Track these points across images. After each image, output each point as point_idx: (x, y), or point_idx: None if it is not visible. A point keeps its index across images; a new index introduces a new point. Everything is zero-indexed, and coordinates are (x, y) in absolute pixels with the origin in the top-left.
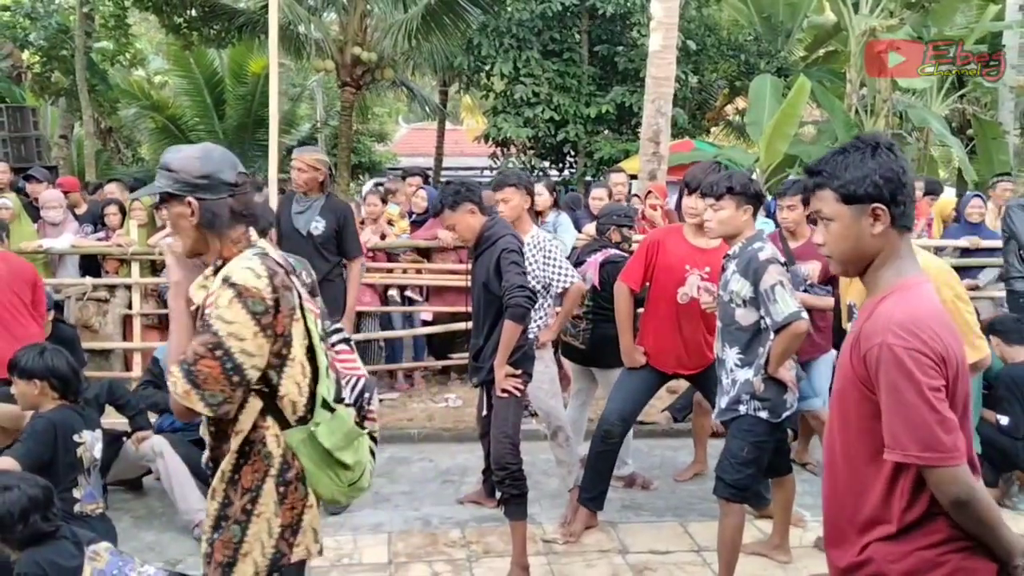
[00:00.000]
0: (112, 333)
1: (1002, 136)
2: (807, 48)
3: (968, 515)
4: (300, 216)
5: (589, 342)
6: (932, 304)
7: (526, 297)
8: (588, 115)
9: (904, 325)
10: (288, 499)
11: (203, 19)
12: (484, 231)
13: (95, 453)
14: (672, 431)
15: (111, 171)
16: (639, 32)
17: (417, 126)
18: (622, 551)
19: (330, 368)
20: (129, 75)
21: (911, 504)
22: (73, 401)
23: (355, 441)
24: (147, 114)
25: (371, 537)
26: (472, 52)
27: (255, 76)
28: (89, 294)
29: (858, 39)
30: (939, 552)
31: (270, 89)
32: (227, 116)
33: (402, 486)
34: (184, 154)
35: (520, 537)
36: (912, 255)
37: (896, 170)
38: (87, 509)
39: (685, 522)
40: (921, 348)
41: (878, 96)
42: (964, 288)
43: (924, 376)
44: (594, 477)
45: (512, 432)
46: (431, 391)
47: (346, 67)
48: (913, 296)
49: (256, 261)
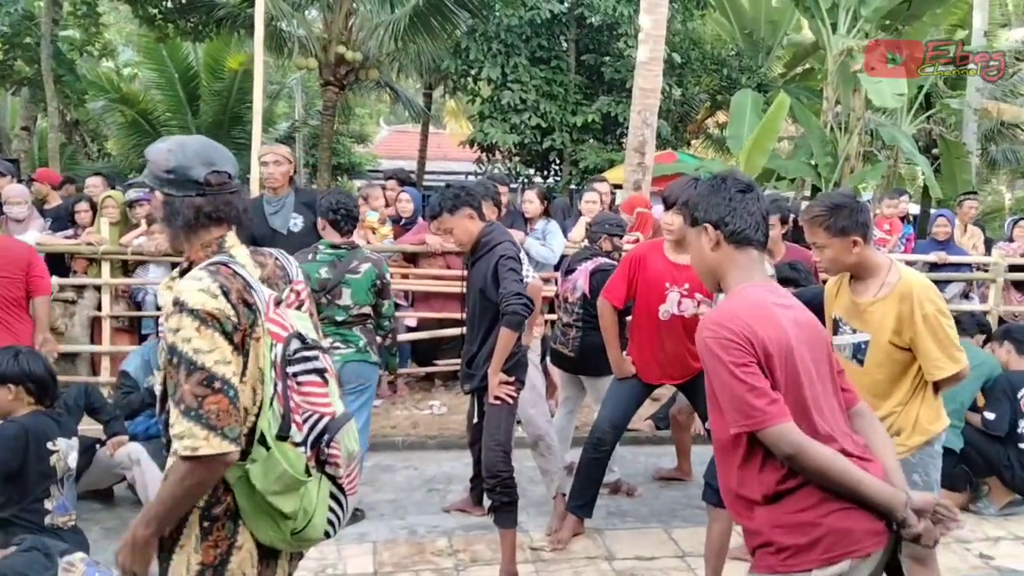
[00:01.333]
0: (79, 336)
1: (965, 156)
2: (786, 65)
3: (804, 467)
4: (275, 216)
5: (578, 350)
6: (751, 300)
7: (523, 305)
8: (574, 123)
9: (715, 320)
10: (211, 536)
11: (180, 11)
12: (482, 237)
13: (70, 462)
14: (656, 439)
15: (76, 166)
16: (626, 43)
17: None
18: (608, 557)
19: (277, 399)
20: (97, 66)
21: (776, 473)
22: (49, 407)
23: (297, 487)
24: (116, 107)
25: (355, 547)
26: (460, 55)
27: (232, 72)
28: (55, 294)
29: (835, 58)
30: (814, 515)
31: (254, 86)
32: (202, 112)
33: (387, 495)
34: (159, 146)
35: (509, 545)
36: (752, 270)
37: (726, 197)
38: (59, 521)
39: (669, 528)
40: (726, 335)
41: (852, 114)
42: (944, 303)
43: (729, 356)
44: (584, 484)
45: (504, 440)
46: (415, 398)
47: (329, 66)
48: (736, 296)
49: (206, 278)
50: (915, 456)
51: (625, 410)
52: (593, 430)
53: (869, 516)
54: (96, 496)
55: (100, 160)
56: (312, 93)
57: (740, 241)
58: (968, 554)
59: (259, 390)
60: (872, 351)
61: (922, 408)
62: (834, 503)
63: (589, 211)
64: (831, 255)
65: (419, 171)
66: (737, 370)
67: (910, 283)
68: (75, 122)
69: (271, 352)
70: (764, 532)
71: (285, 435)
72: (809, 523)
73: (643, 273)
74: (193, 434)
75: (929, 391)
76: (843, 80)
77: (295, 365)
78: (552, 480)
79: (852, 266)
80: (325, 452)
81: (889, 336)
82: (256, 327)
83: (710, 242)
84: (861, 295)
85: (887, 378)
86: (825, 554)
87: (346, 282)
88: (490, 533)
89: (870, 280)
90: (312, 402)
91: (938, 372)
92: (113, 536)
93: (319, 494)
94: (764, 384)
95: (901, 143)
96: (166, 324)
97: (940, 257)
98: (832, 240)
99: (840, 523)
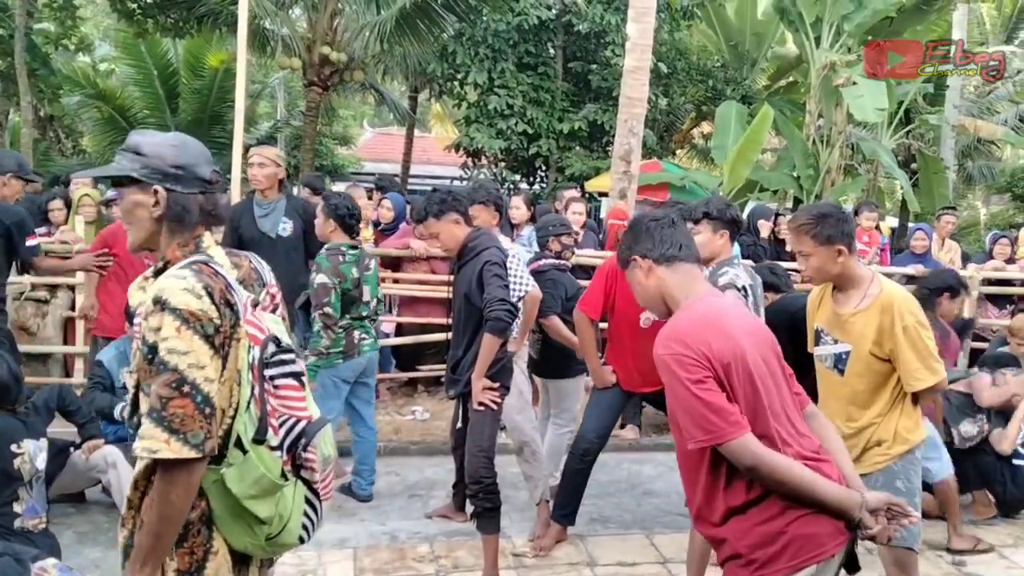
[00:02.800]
0: (51, 336)
1: (943, 171)
2: (770, 77)
3: (764, 477)
4: (265, 219)
5: (539, 353)
6: (698, 314)
7: (507, 311)
8: (561, 130)
9: (669, 336)
10: (187, 543)
11: (159, 6)
12: (468, 242)
13: (37, 464)
14: (638, 446)
15: (49, 162)
16: (613, 51)
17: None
18: (590, 564)
19: (254, 403)
20: (73, 60)
21: (738, 486)
22: (12, 409)
23: (273, 492)
24: (92, 103)
25: (336, 552)
26: (446, 59)
27: (213, 70)
28: (27, 294)
29: (818, 72)
30: (779, 524)
31: (237, 84)
32: (180, 110)
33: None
34: (158, 139)
35: (492, 551)
36: (692, 282)
37: (638, 231)
38: (29, 524)
39: (651, 535)
40: (681, 351)
41: (834, 128)
42: (924, 315)
43: (686, 372)
44: (569, 494)
45: (487, 446)
46: (397, 403)
47: (313, 66)
48: (685, 312)
49: (191, 277)
50: (897, 464)
51: (609, 419)
52: (578, 440)
53: (829, 519)
54: (69, 500)
55: (75, 157)
56: (295, 93)
57: (669, 259)
58: (941, 560)
59: (235, 392)
60: (853, 361)
61: (901, 418)
62: (797, 510)
63: (575, 222)
64: (816, 264)
65: (403, 175)
66: (693, 387)
67: (891, 295)
68: (49, 117)
69: (248, 354)
70: (732, 544)
71: (262, 439)
72: (775, 532)
73: (622, 284)
74: (153, 436)
75: (908, 401)
76: (826, 94)
77: (272, 368)
78: (536, 486)
79: (836, 276)
80: (301, 456)
81: (870, 347)
82: (237, 328)
83: (643, 272)
84: (843, 306)
85: (867, 388)
86: (792, 560)
87: (366, 280)
88: (472, 539)
89: (852, 291)
90: (289, 406)
91: (917, 383)
92: (86, 540)
93: (295, 499)
94: (721, 399)
95: (881, 157)
96: (145, 323)
97: (919, 270)
98: (818, 248)
99: (804, 529)
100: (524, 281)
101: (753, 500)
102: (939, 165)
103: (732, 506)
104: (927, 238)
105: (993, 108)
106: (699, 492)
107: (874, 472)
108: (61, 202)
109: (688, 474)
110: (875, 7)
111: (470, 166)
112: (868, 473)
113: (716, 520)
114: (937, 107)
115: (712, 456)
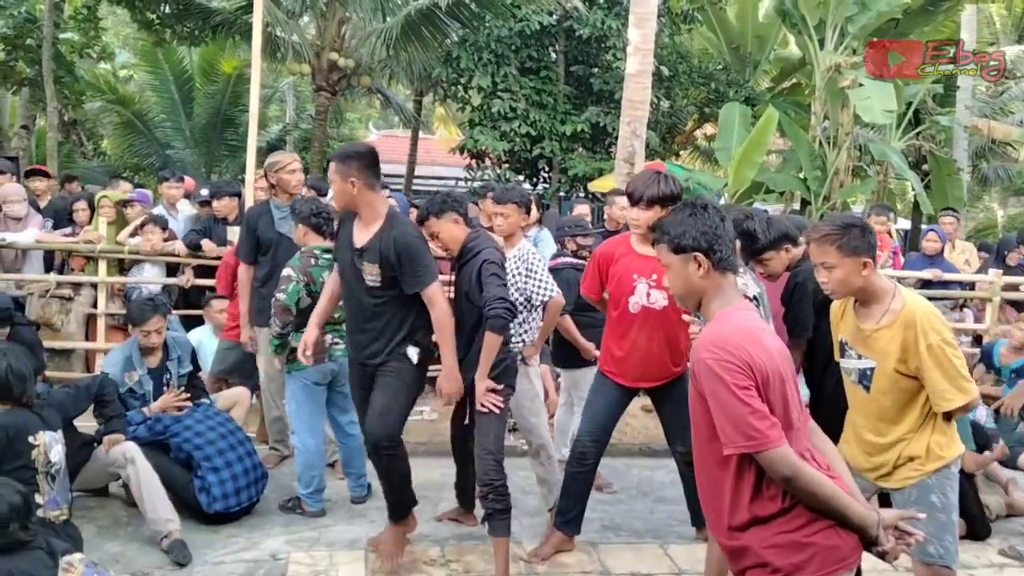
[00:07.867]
0: (75, 332)
1: (956, 173)
2: (773, 79)
3: (799, 489)
4: (284, 221)
5: (554, 343)
6: (741, 325)
7: (506, 308)
8: (563, 132)
9: (713, 342)
10: None
11: (177, 16)
12: (467, 242)
13: (52, 456)
14: (649, 451)
15: (72, 164)
16: (614, 56)
17: (388, 133)
18: (603, 572)
19: None
20: (95, 68)
21: (766, 495)
22: (25, 404)
23: None
24: (112, 108)
25: (347, 553)
26: (451, 64)
27: (226, 75)
28: (53, 291)
29: (823, 74)
30: (803, 534)
31: (251, 89)
32: (195, 114)
33: (378, 501)
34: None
35: (503, 554)
36: (733, 292)
37: (711, 225)
38: (50, 516)
39: (665, 544)
40: (727, 357)
41: (841, 129)
42: (951, 332)
43: (731, 378)
44: (570, 500)
45: (495, 448)
46: None
47: (322, 72)
48: (726, 320)
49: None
50: (932, 479)
51: (604, 421)
52: (575, 444)
53: (849, 533)
54: (91, 494)
55: (95, 159)
56: (304, 97)
57: (726, 268)
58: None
59: None
60: (878, 378)
61: (934, 435)
62: (821, 522)
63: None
64: (840, 276)
65: (408, 176)
66: (740, 392)
67: (913, 311)
68: (73, 121)
69: None
70: (756, 552)
71: None
72: (802, 542)
73: (611, 266)
74: None
75: (940, 418)
76: (831, 96)
77: None
78: (550, 491)
79: (859, 290)
80: None
81: (894, 364)
82: None
83: (700, 270)
84: (865, 320)
85: (894, 405)
86: (819, 571)
87: None
88: (483, 543)
89: (874, 306)
90: None
91: (946, 404)
92: (106, 534)
93: None
94: (764, 407)
95: (891, 159)
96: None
97: (935, 275)
98: (844, 260)
99: (829, 540)
100: (548, 285)
101: (781, 511)
102: (952, 167)
103: (758, 516)
104: (939, 240)
105: (1007, 109)
106: (720, 500)
107: (906, 487)
108: (85, 203)
109: (708, 481)
110: (879, 9)
111: (474, 168)
112: (900, 488)
113: (737, 528)
114: (948, 108)
115: (738, 465)
